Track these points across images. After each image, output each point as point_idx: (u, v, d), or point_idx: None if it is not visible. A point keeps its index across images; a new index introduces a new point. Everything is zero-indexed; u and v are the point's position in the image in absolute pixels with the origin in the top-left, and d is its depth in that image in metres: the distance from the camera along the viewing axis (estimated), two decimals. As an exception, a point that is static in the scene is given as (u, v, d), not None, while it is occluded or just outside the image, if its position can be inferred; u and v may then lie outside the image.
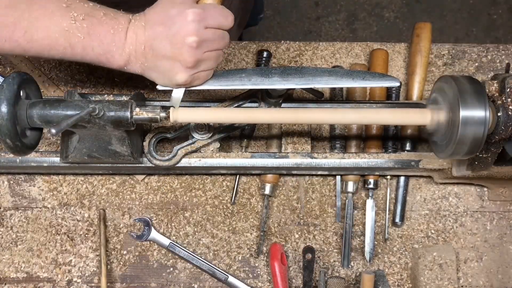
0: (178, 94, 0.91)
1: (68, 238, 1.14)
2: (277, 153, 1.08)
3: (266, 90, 1.04)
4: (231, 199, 1.15)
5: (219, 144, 1.08)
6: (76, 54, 0.85)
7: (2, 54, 0.86)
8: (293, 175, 1.16)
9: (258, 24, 1.73)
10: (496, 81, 0.90)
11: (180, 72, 0.86)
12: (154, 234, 1.11)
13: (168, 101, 1.08)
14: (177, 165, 1.07)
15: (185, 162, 1.07)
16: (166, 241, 1.11)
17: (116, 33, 0.84)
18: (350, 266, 1.14)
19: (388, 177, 1.15)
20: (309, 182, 1.17)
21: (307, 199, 1.16)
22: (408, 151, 1.12)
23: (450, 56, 1.22)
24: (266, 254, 1.14)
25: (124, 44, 0.84)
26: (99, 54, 0.85)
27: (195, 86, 0.90)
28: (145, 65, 0.86)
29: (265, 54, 1.17)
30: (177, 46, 0.83)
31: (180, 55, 0.84)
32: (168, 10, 0.83)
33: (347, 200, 1.14)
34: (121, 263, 1.14)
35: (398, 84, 0.96)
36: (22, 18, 0.81)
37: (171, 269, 1.14)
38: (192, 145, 1.06)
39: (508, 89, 0.88)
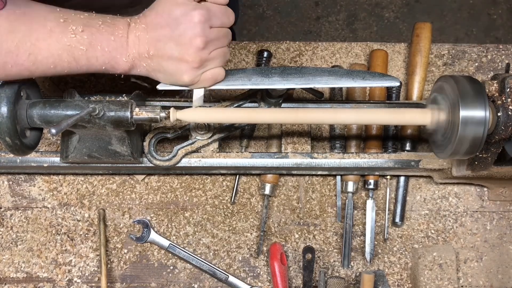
0: (199, 94, 0.91)
1: (68, 238, 1.14)
2: (277, 153, 1.08)
3: (266, 90, 1.04)
4: (231, 199, 1.15)
5: (219, 144, 1.08)
6: (82, 67, 0.85)
7: (11, 79, 0.86)
8: (293, 175, 1.16)
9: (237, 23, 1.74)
10: (496, 81, 0.90)
11: (186, 72, 0.85)
12: (153, 236, 1.11)
13: (168, 101, 1.09)
14: (177, 165, 1.07)
15: (185, 162, 1.07)
16: (165, 243, 1.11)
17: (117, 39, 0.83)
18: (350, 266, 1.14)
19: (388, 177, 1.15)
20: (309, 182, 1.17)
21: (307, 199, 1.16)
22: (408, 151, 1.12)
23: (450, 56, 1.22)
24: (266, 254, 1.14)
25: (127, 49, 0.84)
26: (104, 62, 0.84)
27: (206, 85, 0.90)
28: (150, 66, 0.86)
29: (265, 54, 1.17)
30: (184, 47, 0.83)
31: (188, 55, 0.83)
32: (171, 11, 0.82)
33: (347, 200, 1.14)
34: (121, 262, 1.14)
35: (398, 84, 0.96)
36: (24, 41, 0.80)
37: (171, 268, 1.14)
38: (192, 145, 1.06)
39: (508, 89, 0.88)
